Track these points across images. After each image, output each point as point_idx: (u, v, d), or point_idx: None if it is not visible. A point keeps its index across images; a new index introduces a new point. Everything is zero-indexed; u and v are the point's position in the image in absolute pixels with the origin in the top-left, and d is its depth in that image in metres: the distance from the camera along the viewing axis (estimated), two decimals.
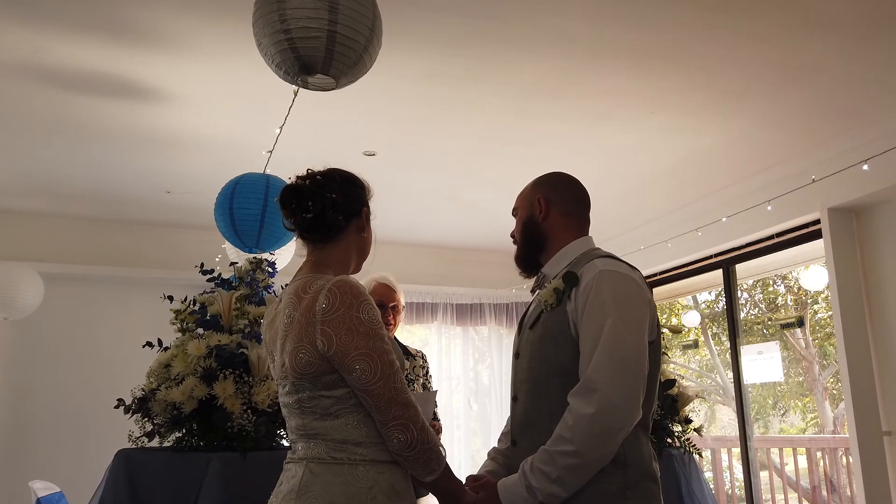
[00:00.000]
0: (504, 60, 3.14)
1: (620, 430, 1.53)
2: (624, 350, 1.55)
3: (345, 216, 1.66)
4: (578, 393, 1.56)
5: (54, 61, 3.11)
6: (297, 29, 1.80)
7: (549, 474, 1.54)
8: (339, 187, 1.67)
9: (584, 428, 1.51)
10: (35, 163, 4.36)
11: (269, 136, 3.58)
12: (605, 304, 1.59)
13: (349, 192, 1.69)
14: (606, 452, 1.54)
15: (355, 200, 1.70)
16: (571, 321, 1.64)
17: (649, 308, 1.66)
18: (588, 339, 1.58)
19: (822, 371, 9.16)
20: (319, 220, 1.64)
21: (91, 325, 5.52)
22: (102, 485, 2.40)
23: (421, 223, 5.81)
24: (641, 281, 1.70)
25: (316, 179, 1.67)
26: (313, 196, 1.64)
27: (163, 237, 5.70)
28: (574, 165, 4.27)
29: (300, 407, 1.56)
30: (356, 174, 1.76)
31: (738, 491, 6.72)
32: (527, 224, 1.85)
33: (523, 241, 1.87)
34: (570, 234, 1.82)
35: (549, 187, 1.87)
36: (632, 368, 1.55)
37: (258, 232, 3.04)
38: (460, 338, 6.71)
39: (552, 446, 1.56)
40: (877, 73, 3.28)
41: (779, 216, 4.42)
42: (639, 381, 1.56)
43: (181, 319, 2.62)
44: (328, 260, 1.66)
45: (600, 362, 1.54)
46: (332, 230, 1.66)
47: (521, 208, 1.89)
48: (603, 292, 1.60)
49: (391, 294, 3.06)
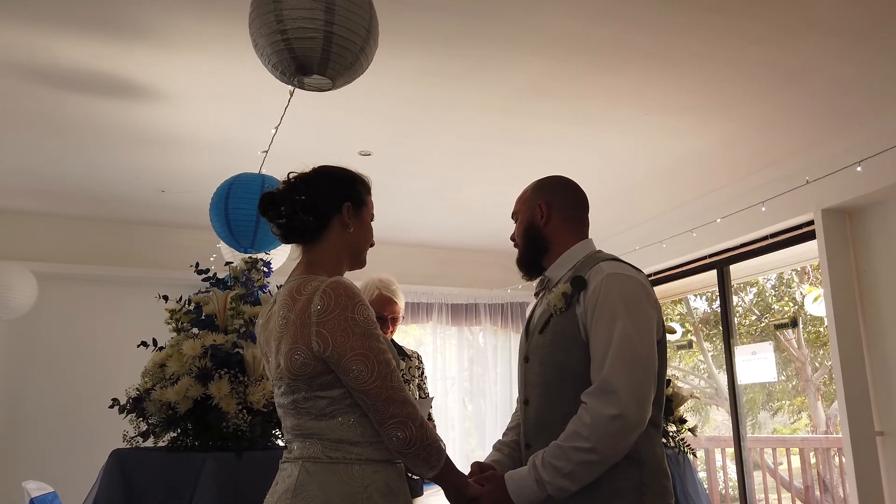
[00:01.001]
0: (499, 60, 3.14)
1: (636, 429, 1.58)
2: (636, 352, 1.60)
3: (317, 216, 1.64)
4: (596, 394, 1.59)
5: (48, 60, 3.10)
6: (294, 29, 1.80)
7: (561, 469, 1.58)
8: (309, 188, 1.64)
9: (602, 427, 1.56)
10: (28, 161, 4.34)
11: (265, 136, 3.58)
12: (615, 308, 1.63)
13: (323, 191, 1.65)
14: (621, 451, 1.59)
15: (331, 198, 1.66)
16: (581, 324, 1.68)
17: (656, 309, 1.71)
18: (600, 342, 1.63)
19: (814, 371, 9.20)
20: (292, 224, 1.64)
21: (85, 324, 5.50)
22: (96, 485, 2.39)
23: (416, 223, 5.81)
24: (646, 281, 1.74)
25: (290, 183, 1.66)
26: (285, 200, 1.63)
27: (157, 236, 5.68)
28: (569, 165, 4.29)
29: (296, 407, 1.56)
30: (345, 168, 1.73)
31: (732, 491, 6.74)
32: (528, 229, 1.88)
33: (525, 245, 1.89)
34: (571, 237, 1.84)
35: (550, 191, 1.89)
36: (644, 370, 1.61)
37: (253, 232, 3.04)
38: (455, 338, 6.71)
39: (566, 442, 1.59)
40: (871, 74, 3.30)
41: (773, 217, 4.43)
42: (650, 381, 1.62)
43: (176, 319, 2.62)
44: (318, 260, 1.65)
45: (615, 365, 1.58)
46: (308, 231, 1.64)
47: (522, 212, 1.91)
48: (612, 296, 1.64)
49: (392, 306, 3.02)
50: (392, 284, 3.05)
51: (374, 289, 3.00)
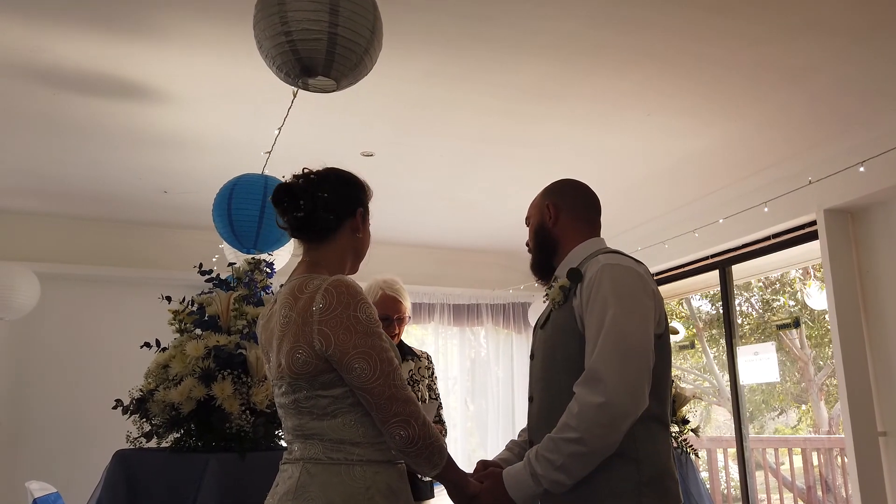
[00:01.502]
0: (501, 62, 3.15)
1: (625, 419, 1.53)
2: (627, 340, 1.56)
3: (336, 216, 1.65)
4: (583, 382, 1.57)
5: (52, 60, 3.10)
6: (298, 31, 1.80)
7: (553, 461, 1.55)
8: (331, 187, 1.66)
9: (589, 416, 1.52)
10: (31, 162, 4.35)
11: (267, 137, 3.58)
12: (606, 296, 1.61)
13: (343, 192, 1.68)
14: (611, 442, 1.54)
15: (349, 201, 1.68)
16: (578, 316, 1.67)
17: (653, 300, 1.67)
18: (591, 331, 1.60)
19: (817, 372, 9.19)
20: (310, 219, 1.64)
21: (88, 325, 5.49)
22: (100, 485, 2.40)
23: (418, 223, 5.81)
24: (646, 273, 1.72)
25: (309, 178, 1.67)
26: (305, 195, 1.64)
27: (160, 237, 5.68)
28: (571, 166, 4.30)
29: (297, 407, 1.56)
30: (355, 174, 1.75)
31: (734, 491, 6.74)
32: (538, 230, 1.89)
33: (536, 247, 1.90)
34: (580, 236, 1.85)
35: (558, 194, 1.90)
36: (635, 358, 1.56)
37: (256, 233, 3.04)
38: (457, 338, 6.71)
39: (557, 433, 1.57)
40: (873, 75, 3.30)
41: (775, 217, 4.43)
42: (643, 370, 1.57)
43: (179, 320, 2.62)
44: (323, 260, 1.65)
45: (603, 352, 1.55)
46: (324, 230, 1.65)
47: (533, 216, 1.93)
48: (605, 285, 1.62)
49: (397, 306, 2.92)
50: (396, 284, 2.98)
51: (377, 289, 2.93)
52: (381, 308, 2.86)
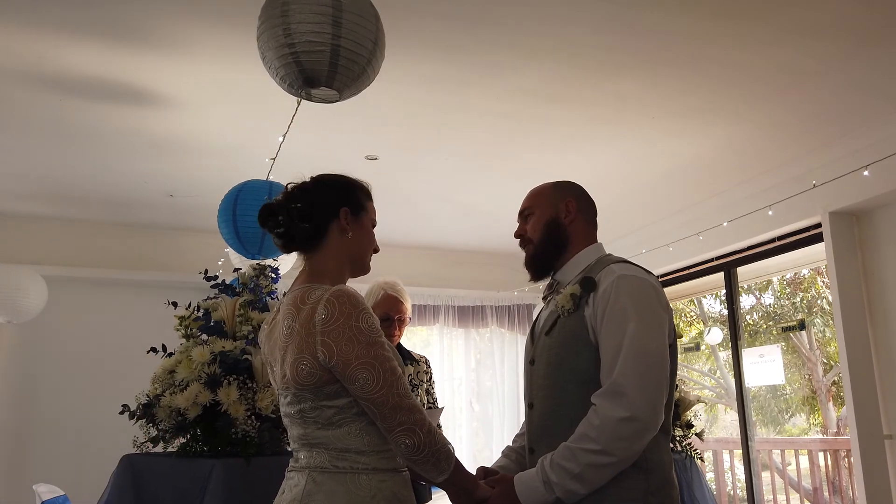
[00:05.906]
0: (505, 66, 3.15)
1: (646, 433, 1.56)
2: (648, 355, 1.58)
3: (314, 223, 1.64)
4: (605, 396, 1.57)
5: (59, 67, 3.13)
6: (302, 43, 1.81)
7: (570, 470, 1.56)
8: (304, 195, 1.65)
9: (612, 430, 1.54)
10: (39, 167, 4.38)
11: (272, 142, 3.60)
12: (625, 310, 1.61)
13: (318, 198, 1.66)
14: (631, 455, 1.57)
15: (326, 205, 1.65)
16: (590, 326, 1.66)
17: (667, 312, 1.68)
18: (611, 345, 1.60)
19: (825, 373, 9.15)
20: (289, 233, 1.65)
21: (94, 328, 5.52)
22: (107, 490, 2.42)
23: (423, 226, 5.83)
24: (658, 284, 1.72)
25: (286, 192, 1.67)
26: (281, 210, 1.64)
27: (166, 240, 5.71)
28: (575, 169, 4.30)
29: (302, 417, 1.57)
30: (343, 175, 1.73)
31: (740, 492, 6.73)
32: (550, 224, 1.83)
33: (544, 240, 1.84)
34: (587, 240, 1.84)
35: (575, 193, 1.89)
36: (655, 373, 1.58)
37: (261, 239, 3.06)
38: (462, 339, 6.73)
39: (575, 443, 1.57)
40: (878, 77, 3.29)
41: (780, 220, 4.42)
42: (662, 384, 1.59)
43: (185, 326, 2.63)
44: (320, 268, 1.65)
45: (626, 367, 1.56)
46: (308, 238, 1.65)
47: (540, 208, 1.87)
48: (622, 297, 1.62)
49: (398, 306, 2.96)
50: (397, 285, 3.02)
51: (379, 290, 2.98)
52: (383, 308, 2.93)
